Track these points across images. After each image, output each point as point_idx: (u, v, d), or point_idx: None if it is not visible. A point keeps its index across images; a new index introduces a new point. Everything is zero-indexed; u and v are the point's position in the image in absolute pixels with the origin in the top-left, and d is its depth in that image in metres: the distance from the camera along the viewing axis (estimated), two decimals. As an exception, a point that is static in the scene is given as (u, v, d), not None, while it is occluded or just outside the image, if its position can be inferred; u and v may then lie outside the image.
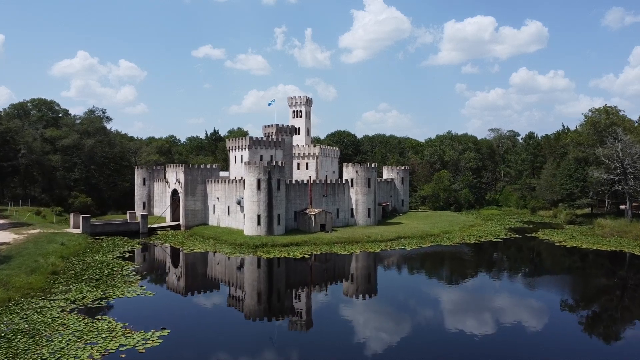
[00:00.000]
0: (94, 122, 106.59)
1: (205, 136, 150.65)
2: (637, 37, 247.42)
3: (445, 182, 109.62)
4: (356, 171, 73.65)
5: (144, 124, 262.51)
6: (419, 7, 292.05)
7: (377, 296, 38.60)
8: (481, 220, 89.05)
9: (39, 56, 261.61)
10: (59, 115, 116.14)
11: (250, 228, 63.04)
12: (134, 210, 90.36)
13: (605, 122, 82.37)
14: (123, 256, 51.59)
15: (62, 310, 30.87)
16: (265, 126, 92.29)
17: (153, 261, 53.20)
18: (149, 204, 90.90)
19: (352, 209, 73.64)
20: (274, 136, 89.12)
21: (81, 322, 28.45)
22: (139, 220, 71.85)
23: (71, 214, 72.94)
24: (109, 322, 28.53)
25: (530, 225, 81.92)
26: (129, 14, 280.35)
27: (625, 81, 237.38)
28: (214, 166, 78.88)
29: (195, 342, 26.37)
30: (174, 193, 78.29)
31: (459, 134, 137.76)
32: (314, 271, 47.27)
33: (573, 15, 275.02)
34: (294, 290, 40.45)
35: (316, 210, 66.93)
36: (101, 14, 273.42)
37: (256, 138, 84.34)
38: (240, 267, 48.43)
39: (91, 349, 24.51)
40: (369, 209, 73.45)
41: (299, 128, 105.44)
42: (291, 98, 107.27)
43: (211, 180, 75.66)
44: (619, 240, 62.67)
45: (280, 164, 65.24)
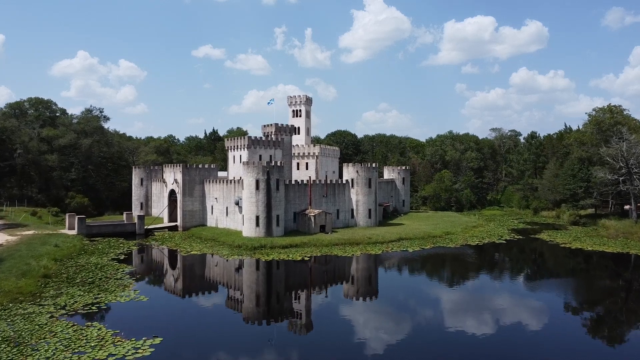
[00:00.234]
0: (91, 122, 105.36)
1: (204, 136, 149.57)
2: (637, 37, 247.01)
3: (447, 182, 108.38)
4: (357, 171, 72.41)
5: (144, 124, 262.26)
6: (419, 7, 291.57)
7: (379, 299, 37.37)
8: (483, 221, 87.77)
9: (39, 56, 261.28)
10: (57, 114, 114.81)
11: (248, 229, 61.81)
12: (133, 210, 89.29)
13: (610, 122, 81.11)
14: (118, 258, 50.35)
15: (51, 317, 29.65)
16: (264, 125, 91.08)
17: (148, 264, 51.96)
18: (146, 204, 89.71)
19: (353, 210, 72.41)
20: (273, 136, 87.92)
21: (70, 329, 27.22)
22: (136, 221, 70.65)
23: (67, 215, 71.69)
24: (99, 330, 27.30)
25: (533, 226, 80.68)
26: (129, 14, 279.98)
27: (625, 81, 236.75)
28: (212, 166, 77.66)
29: (189, 351, 25.15)
30: (172, 193, 77.08)
31: (460, 133, 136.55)
32: (313, 274, 46.06)
33: (573, 15, 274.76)
34: (293, 292, 39.23)
35: (316, 211, 65.71)
36: (101, 14, 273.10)
37: (255, 137, 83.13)
38: (238, 269, 47.26)
39: (78, 359, 23.28)
40: (369, 210, 72.22)
41: (298, 127, 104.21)
42: (291, 97, 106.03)
43: (209, 181, 74.43)
44: (625, 241, 61.42)
45: (279, 164, 64.02)
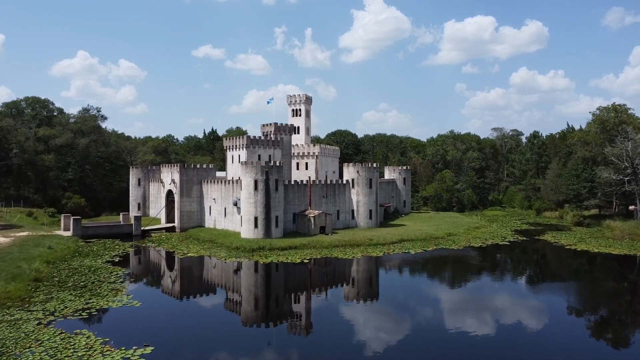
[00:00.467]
0: (88, 121, 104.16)
1: (203, 135, 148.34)
2: (637, 37, 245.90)
3: (448, 183, 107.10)
4: (357, 171, 71.13)
5: (144, 124, 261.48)
6: (419, 7, 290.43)
7: (381, 303, 36.07)
8: (485, 221, 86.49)
9: (39, 56, 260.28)
10: (54, 114, 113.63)
11: (247, 230, 60.54)
12: (130, 211, 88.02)
13: (614, 121, 79.77)
14: (113, 261, 49.08)
15: (39, 323, 28.37)
16: (263, 125, 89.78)
17: (143, 266, 50.69)
18: (144, 205, 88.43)
19: (353, 211, 71.13)
20: (272, 135, 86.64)
21: (57, 338, 25.94)
22: (132, 222, 69.38)
23: (62, 216, 70.42)
24: (88, 338, 26.00)
25: (537, 227, 79.41)
26: (129, 14, 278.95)
27: (625, 81, 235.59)
28: (210, 166, 76.42)
29: (182, 361, 23.92)
30: (169, 194, 75.82)
31: (462, 133, 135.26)
32: (313, 276, 44.80)
33: (573, 15, 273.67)
34: (292, 295, 37.98)
35: (316, 212, 64.43)
36: (101, 14, 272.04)
37: (254, 137, 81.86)
38: (237, 271, 46.09)
39: (64, 369, 22.06)
40: (370, 211, 70.93)
41: (298, 127, 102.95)
42: (290, 96, 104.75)
43: (207, 181, 73.17)
44: (631, 243, 60.11)
45: (278, 164, 62.75)
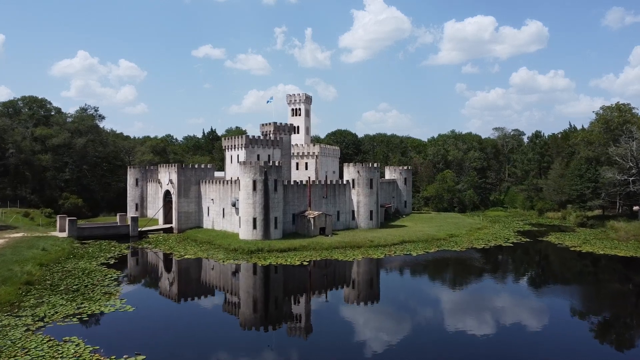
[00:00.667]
0: (85, 121, 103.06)
1: (202, 135, 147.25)
2: (637, 37, 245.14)
3: (449, 183, 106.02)
4: (358, 171, 70.01)
5: (144, 124, 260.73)
6: (419, 7, 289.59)
7: (382, 307, 34.98)
8: (487, 222, 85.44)
9: (39, 56, 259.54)
10: (51, 113, 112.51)
11: (245, 232, 59.42)
12: (127, 211, 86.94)
13: (618, 120, 78.66)
14: (108, 263, 47.96)
15: (27, 330, 27.27)
16: (262, 124, 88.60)
17: (139, 269, 49.58)
18: (141, 205, 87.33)
19: (354, 211, 70.01)
20: (271, 135, 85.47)
21: (45, 345, 24.85)
22: (129, 223, 68.27)
23: (57, 217, 69.28)
24: (77, 345, 24.91)
25: (540, 228, 78.31)
26: (129, 14, 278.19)
27: (625, 81, 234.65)
28: (208, 166, 75.27)
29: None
30: (167, 194, 74.70)
31: (463, 132, 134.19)
32: (312, 280, 43.70)
33: (573, 15, 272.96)
34: (291, 300, 36.89)
35: (315, 213, 63.32)
36: (101, 14, 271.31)
37: (253, 137, 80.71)
38: (235, 273, 45.04)
39: (50, 380, 20.96)
40: (371, 211, 69.81)
41: (298, 127, 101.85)
42: (290, 96, 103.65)
43: (205, 181, 72.04)
44: (637, 244, 58.97)
45: (277, 164, 61.62)
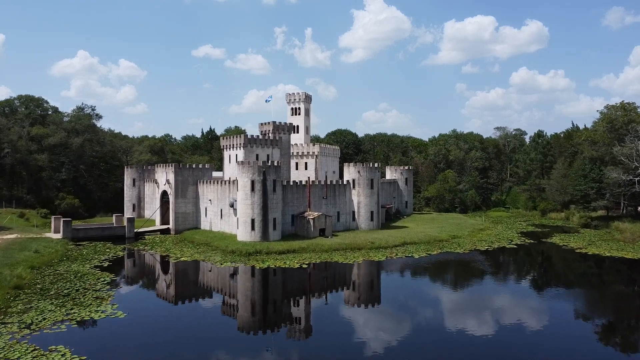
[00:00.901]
0: (82, 120, 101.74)
1: (201, 135, 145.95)
2: (637, 37, 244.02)
3: (451, 183, 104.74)
4: (358, 171, 68.71)
5: (144, 124, 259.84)
6: (419, 7, 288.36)
7: (385, 314, 33.69)
8: (490, 223, 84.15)
9: (39, 56, 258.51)
10: (48, 112, 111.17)
11: (243, 233, 58.13)
12: (125, 212, 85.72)
13: (623, 120, 77.34)
14: (102, 266, 46.67)
15: (12, 338, 25.99)
16: (261, 124, 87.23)
17: (133, 272, 48.21)
18: (139, 205, 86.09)
19: (354, 212, 68.71)
20: (270, 134, 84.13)
21: (29, 355, 23.57)
22: (125, 224, 66.99)
23: (52, 218, 67.98)
24: (63, 355, 23.63)
25: (543, 229, 77.01)
26: (129, 14, 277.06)
27: (625, 81, 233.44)
28: (206, 166, 73.96)
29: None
30: (164, 195, 73.45)
31: (465, 132, 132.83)
32: (312, 284, 42.43)
33: (573, 15, 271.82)
34: (290, 304, 35.61)
35: (315, 214, 62.04)
36: (101, 14, 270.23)
37: (251, 136, 79.38)
38: (232, 276, 43.88)
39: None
40: (371, 212, 68.51)
41: (297, 126, 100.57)
42: (290, 95, 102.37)
43: (203, 181, 70.76)
44: (644, 246, 57.73)
45: (276, 164, 60.31)
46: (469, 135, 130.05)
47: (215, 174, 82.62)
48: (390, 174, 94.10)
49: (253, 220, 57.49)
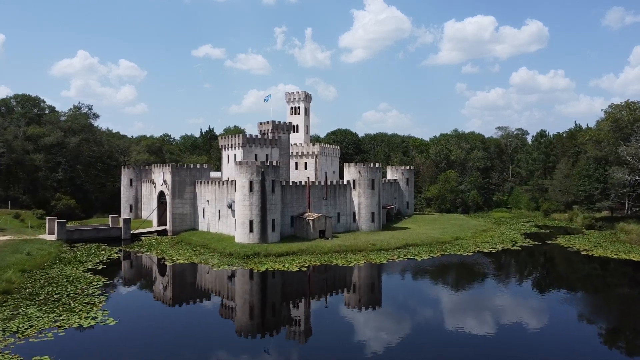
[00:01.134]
0: (79, 119, 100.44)
1: (200, 134, 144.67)
2: (637, 37, 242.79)
3: (452, 183, 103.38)
4: (359, 171, 67.40)
5: (144, 124, 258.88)
6: (419, 7, 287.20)
7: (388, 322, 32.38)
8: (492, 224, 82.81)
9: (39, 56, 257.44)
10: (45, 112, 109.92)
11: (241, 235, 56.81)
12: (121, 213, 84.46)
13: (628, 119, 75.99)
14: (95, 269, 45.34)
15: (-5, 348, 24.74)
16: (260, 123, 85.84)
17: (127, 275, 46.75)
18: (136, 206, 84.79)
19: (355, 213, 67.40)
20: (270, 134, 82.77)
21: (12, 367, 22.32)
22: (121, 225, 65.68)
23: (47, 219, 66.65)
24: (47, 367, 22.37)
25: (547, 230, 75.64)
26: (129, 14, 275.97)
27: (625, 81, 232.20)
28: (204, 166, 72.65)
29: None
30: (161, 195, 72.14)
31: (466, 132, 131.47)
32: (311, 288, 41.10)
33: (573, 15, 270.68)
34: (289, 309, 34.30)
35: (315, 215, 60.73)
36: (101, 14, 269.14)
37: (250, 136, 78.02)
38: (230, 278, 42.68)
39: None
40: (372, 213, 67.20)
41: (297, 125, 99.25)
42: (289, 94, 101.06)
43: (201, 182, 69.46)
44: (651, 248, 56.41)
45: (275, 164, 58.98)
46: (471, 135, 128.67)
47: (213, 174, 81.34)
48: (391, 174, 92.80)
49: (251, 222, 56.19)
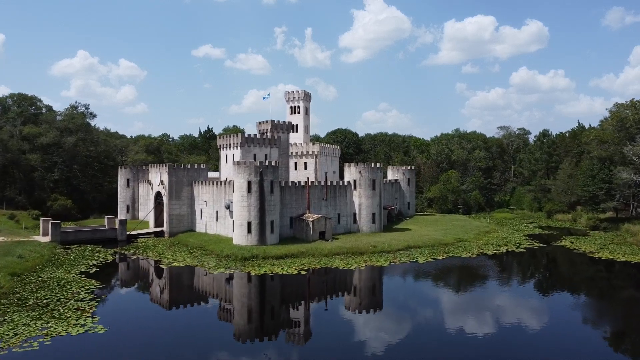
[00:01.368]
0: (75, 119, 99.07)
1: (199, 134, 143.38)
2: (637, 37, 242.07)
3: (454, 183, 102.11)
4: (359, 172, 66.07)
5: (144, 124, 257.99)
6: (419, 7, 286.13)
7: (393, 331, 31.08)
8: (495, 225, 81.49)
9: (39, 56, 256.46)
10: (42, 111, 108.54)
11: (239, 236, 55.49)
12: (118, 213, 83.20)
13: (634, 118, 74.68)
14: (88, 272, 44.01)
15: (-24, 358, 23.46)
16: (259, 122, 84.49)
17: (120, 279, 45.38)
18: (133, 207, 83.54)
19: (355, 214, 66.08)
20: (269, 133, 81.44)
21: (-8, 380, 21.03)
22: (117, 226, 64.36)
23: (41, 220, 65.35)
24: (29, 380, 21.08)
25: (551, 232, 74.30)
26: (129, 14, 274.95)
27: (625, 81, 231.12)
28: (202, 166, 71.33)
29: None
30: (158, 196, 70.81)
31: (468, 131, 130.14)
32: (311, 291, 39.80)
33: (573, 15, 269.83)
34: (288, 315, 33.00)
35: (315, 216, 59.41)
36: (101, 14, 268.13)
37: (249, 135, 76.66)
38: (229, 280, 41.47)
39: None
40: (373, 214, 65.88)
41: (296, 125, 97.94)
42: (289, 93, 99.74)
43: (198, 182, 68.14)
44: (659, 250, 55.11)
45: (274, 164, 57.64)
46: (472, 134, 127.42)
47: (211, 175, 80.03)
48: (392, 174, 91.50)
49: (249, 223, 54.88)
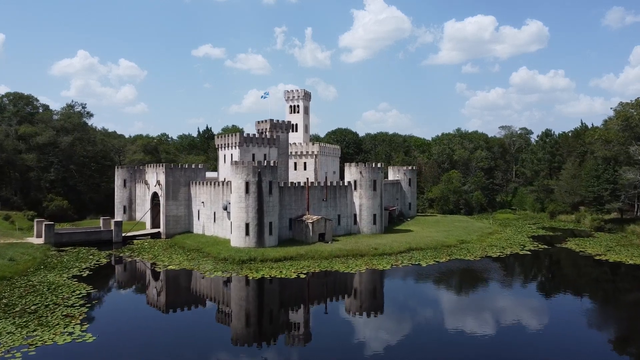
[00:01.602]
0: (72, 118, 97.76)
1: (197, 134, 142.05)
2: (637, 37, 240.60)
3: (456, 184, 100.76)
4: (360, 172, 64.74)
5: (144, 123, 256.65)
6: (420, 7, 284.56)
7: (397, 342, 29.79)
8: (497, 226, 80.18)
9: (39, 56, 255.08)
10: (39, 110, 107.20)
11: (237, 238, 54.16)
12: (115, 214, 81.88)
13: (639, 117, 73.30)
14: (80, 275, 42.69)
15: (-45, 370, 22.15)
16: (258, 122, 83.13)
17: (113, 283, 44.01)
18: (130, 208, 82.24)
19: (356, 215, 64.75)
20: (268, 133, 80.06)
21: (-31, 395, 19.71)
22: (113, 227, 63.03)
23: (35, 221, 64.03)
24: (9, 396, 19.76)
25: (555, 233, 72.97)
26: (129, 14, 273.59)
27: (625, 81, 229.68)
28: (199, 166, 69.98)
29: None
30: (154, 196, 69.49)
31: (469, 131, 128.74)
32: (311, 295, 38.49)
33: (573, 15, 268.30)
34: (287, 320, 31.69)
35: (314, 218, 58.07)
36: (101, 14, 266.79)
37: (247, 135, 75.29)
38: (226, 283, 40.25)
39: None
40: (374, 215, 64.55)
41: (296, 124, 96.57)
42: (288, 92, 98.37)
43: (196, 182, 66.80)
44: (667, 252, 53.78)
45: (272, 164, 56.30)
46: (474, 134, 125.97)
47: (209, 175, 78.66)
48: (392, 174, 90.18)
49: (247, 225, 53.55)
